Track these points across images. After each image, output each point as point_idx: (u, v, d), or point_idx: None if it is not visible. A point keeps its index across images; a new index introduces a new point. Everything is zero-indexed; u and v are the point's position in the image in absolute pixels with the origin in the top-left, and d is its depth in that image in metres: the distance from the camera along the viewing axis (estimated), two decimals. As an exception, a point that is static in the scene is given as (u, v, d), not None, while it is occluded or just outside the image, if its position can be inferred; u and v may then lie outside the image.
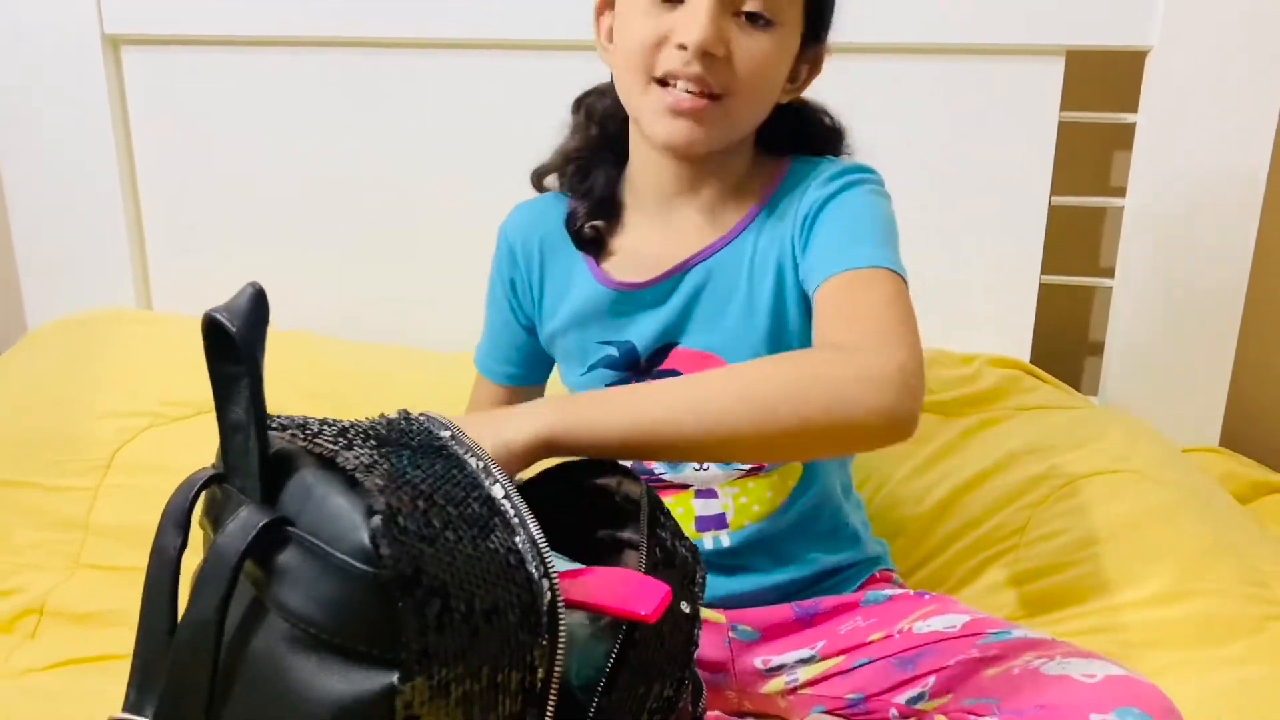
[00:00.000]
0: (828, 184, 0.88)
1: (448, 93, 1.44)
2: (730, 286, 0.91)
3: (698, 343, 0.92)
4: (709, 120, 0.83)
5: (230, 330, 0.53)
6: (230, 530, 0.53)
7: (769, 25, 0.82)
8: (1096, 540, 1.10)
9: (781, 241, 0.89)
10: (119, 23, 1.44)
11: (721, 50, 0.81)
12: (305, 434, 0.56)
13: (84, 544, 1.18)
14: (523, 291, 1.00)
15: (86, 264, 1.54)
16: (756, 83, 0.83)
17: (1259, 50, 1.30)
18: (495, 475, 0.56)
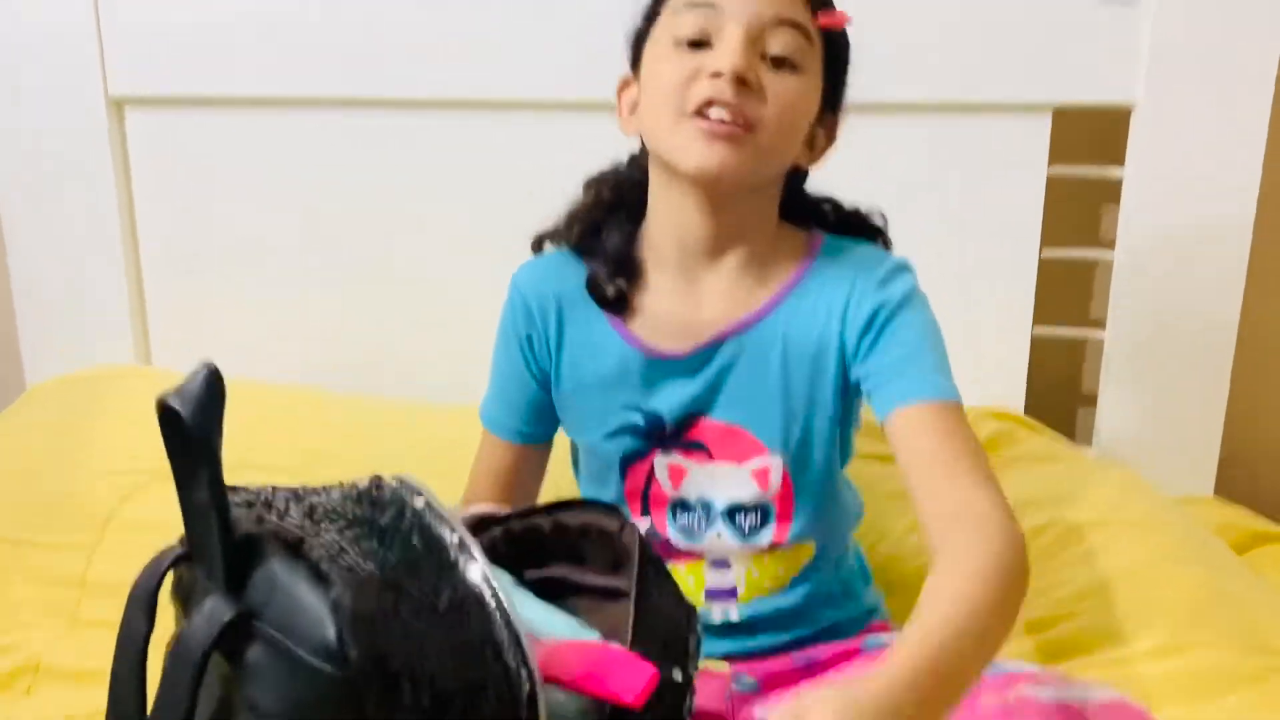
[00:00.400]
0: (884, 288, 0.89)
1: (445, 151, 1.47)
2: (764, 363, 0.91)
3: (726, 416, 0.92)
4: (742, 148, 0.83)
5: (183, 416, 0.52)
6: (195, 624, 0.52)
7: (795, 70, 0.84)
8: (1093, 592, 1.10)
9: (823, 329, 0.90)
10: (123, 85, 1.47)
11: (755, 80, 0.82)
12: (272, 513, 0.55)
13: (81, 601, 1.17)
14: (539, 347, 0.98)
15: (86, 322, 1.55)
16: (786, 120, 0.85)
17: (1241, 105, 1.33)
18: (471, 551, 0.54)
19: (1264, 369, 1.52)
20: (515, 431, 1.01)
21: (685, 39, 0.84)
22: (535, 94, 1.42)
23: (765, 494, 0.93)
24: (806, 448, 0.92)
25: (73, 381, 1.45)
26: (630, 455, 0.95)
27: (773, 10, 0.83)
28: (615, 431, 0.95)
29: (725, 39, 0.82)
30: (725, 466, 0.93)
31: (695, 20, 0.84)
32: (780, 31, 0.83)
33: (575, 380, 0.96)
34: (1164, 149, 1.35)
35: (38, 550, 1.21)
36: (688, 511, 0.95)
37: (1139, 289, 1.40)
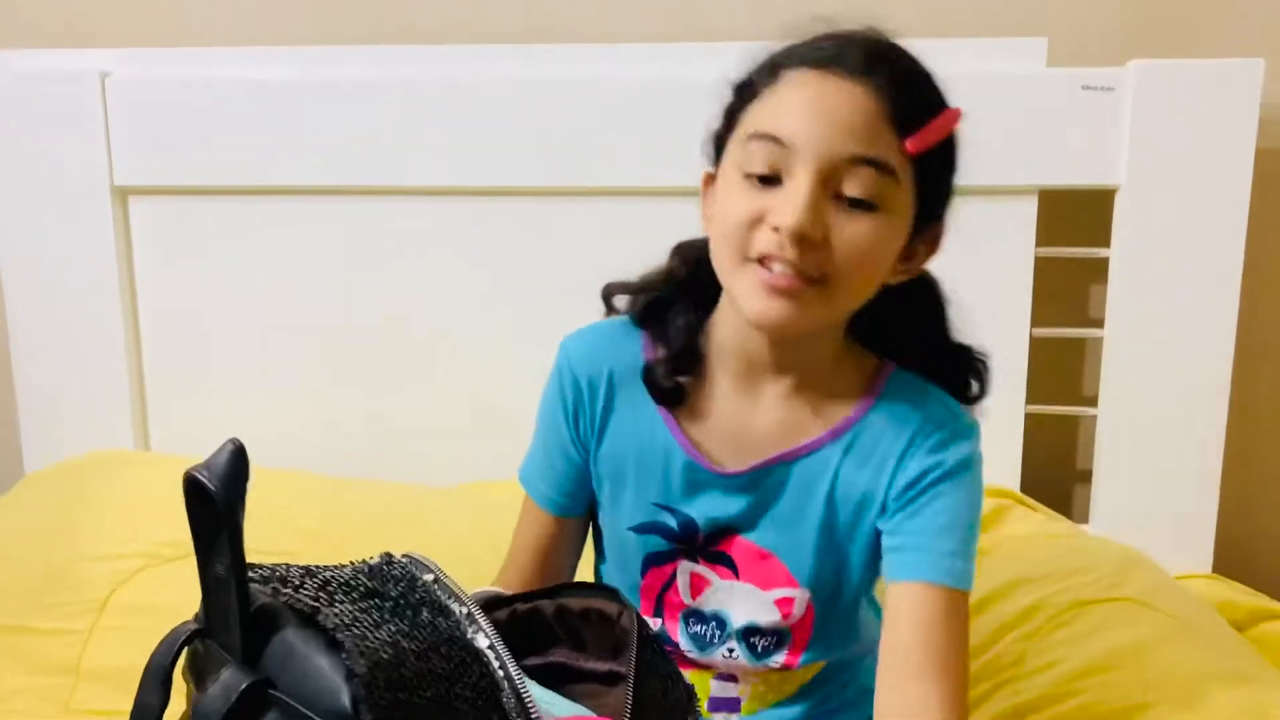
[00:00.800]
0: (940, 452, 0.84)
1: (443, 239, 1.49)
2: (809, 498, 0.87)
3: (762, 540, 0.88)
4: (805, 302, 0.77)
5: (210, 489, 0.53)
6: (212, 693, 0.52)
7: (874, 209, 0.76)
8: (1094, 670, 1.09)
9: (873, 478, 0.85)
10: (129, 175, 1.50)
11: (819, 235, 0.75)
12: (287, 587, 0.55)
13: (75, 689, 1.16)
14: (584, 423, 0.92)
15: (86, 408, 1.56)
16: (857, 269, 0.77)
17: (1222, 183, 1.36)
18: (480, 623, 0.55)
19: (1258, 443, 1.53)
20: (552, 502, 0.95)
21: (753, 174, 0.77)
22: (531, 181, 1.46)
23: (785, 622, 0.89)
24: (837, 586, 0.89)
25: (71, 467, 1.46)
26: (655, 555, 0.91)
27: (849, 148, 0.74)
28: (644, 526, 0.91)
29: (792, 184, 0.75)
30: (749, 588, 0.89)
31: (764, 155, 0.76)
32: (858, 172, 0.75)
33: (614, 462, 0.91)
34: (1148, 228, 1.38)
35: (32, 637, 1.21)
36: (702, 623, 0.91)
37: (1129, 366, 1.41)
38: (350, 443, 1.53)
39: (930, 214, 0.82)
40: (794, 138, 0.75)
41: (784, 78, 0.78)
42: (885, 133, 0.75)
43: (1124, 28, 1.45)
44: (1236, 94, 1.34)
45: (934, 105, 0.78)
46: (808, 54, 0.78)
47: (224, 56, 1.50)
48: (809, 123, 0.75)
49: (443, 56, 1.48)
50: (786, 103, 0.77)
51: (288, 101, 1.47)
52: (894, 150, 0.75)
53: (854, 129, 0.74)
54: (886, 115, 0.75)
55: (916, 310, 0.89)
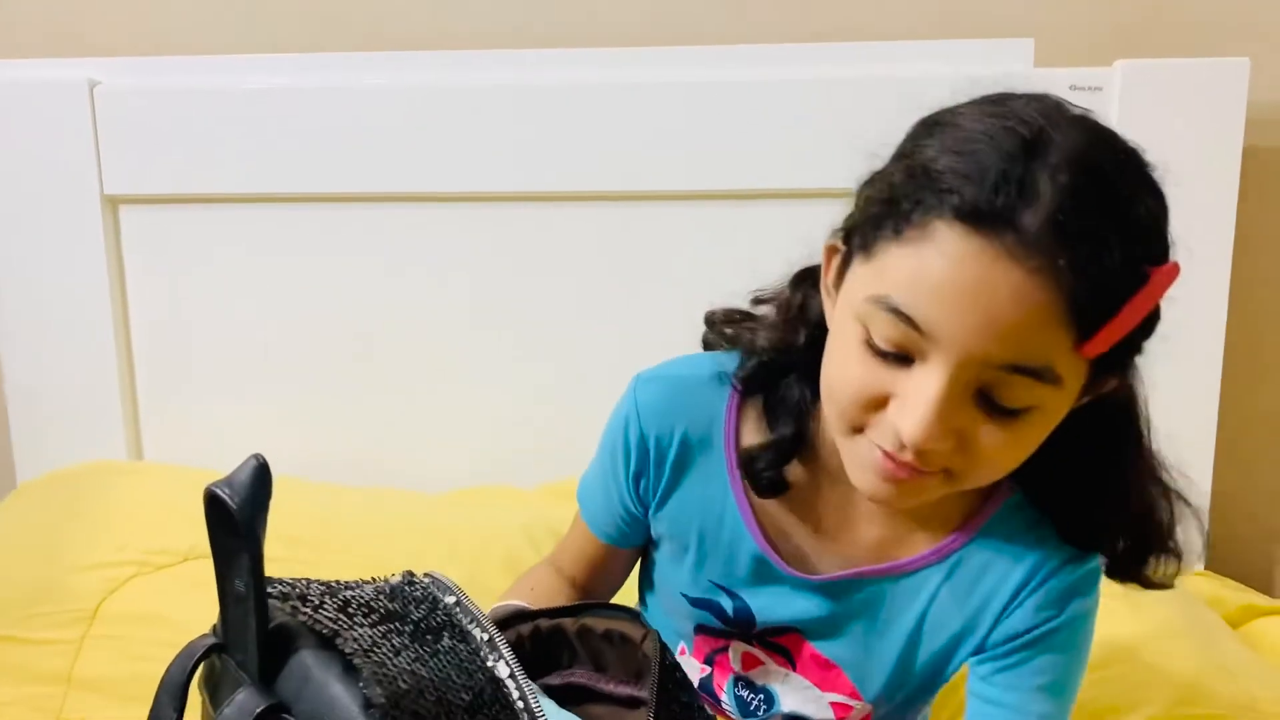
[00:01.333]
0: (1058, 604, 0.72)
1: (434, 244, 1.49)
2: (895, 621, 0.76)
3: (827, 650, 0.79)
4: (923, 489, 0.65)
5: (230, 506, 0.52)
6: (227, 715, 0.52)
7: (1026, 412, 0.61)
8: (1089, 667, 1.08)
9: (973, 617, 0.74)
10: (118, 184, 1.50)
11: (950, 446, 0.61)
12: (307, 606, 0.55)
13: (66, 699, 1.16)
14: (646, 486, 0.80)
15: (78, 418, 1.55)
16: (993, 471, 0.65)
17: (1209, 184, 1.36)
18: (500, 650, 0.55)
19: (1249, 441, 1.53)
20: (606, 535, 0.86)
21: (876, 346, 0.62)
22: (522, 187, 1.46)
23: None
24: (903, 707, 0.82)
25: (63, 477, 1.45)
26: (705, 628, 0.83)
27: (1003, 353, 0.58)
28: (698, 601, 0.81)
29: (924, 377, 0.60)
30: (805, 683, 0.81)
31: (892, 333, 0.60)
32: (1011, 380, 0.59)
33: (675, 528, 0.80)
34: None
35: (23, 647, 1.20)
36: (751, 690, 0.84)
37: (1120, 365, 1.42)
38: (341, 450, 1.53)
39: (1107, 375, 0.65)
40: (933, 327, 0.58)
41: (933, 230, 0.58)
42: (1054, 333, 0.57)
43: (1111, 28, 1.46)
44: (1223, 93, 1.34)
45: (1133, 280, 0.57)
46: (968, 199, 0.57)
47: (213, 65, 1.50)
48: (956, 314, 0.57)
49: (433, 63, 1.47)
50: (930, 274, 0.58)
51: (278, 109, 1.47)
52: (1061, 352, 0.58)
53: (1015, 333, 0.57)
54: (1061, 312, 0.56)
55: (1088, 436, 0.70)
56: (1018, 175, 0.57)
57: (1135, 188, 0.60)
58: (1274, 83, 1.41)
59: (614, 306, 1.48)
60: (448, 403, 1.52)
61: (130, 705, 1.14)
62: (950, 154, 0.60)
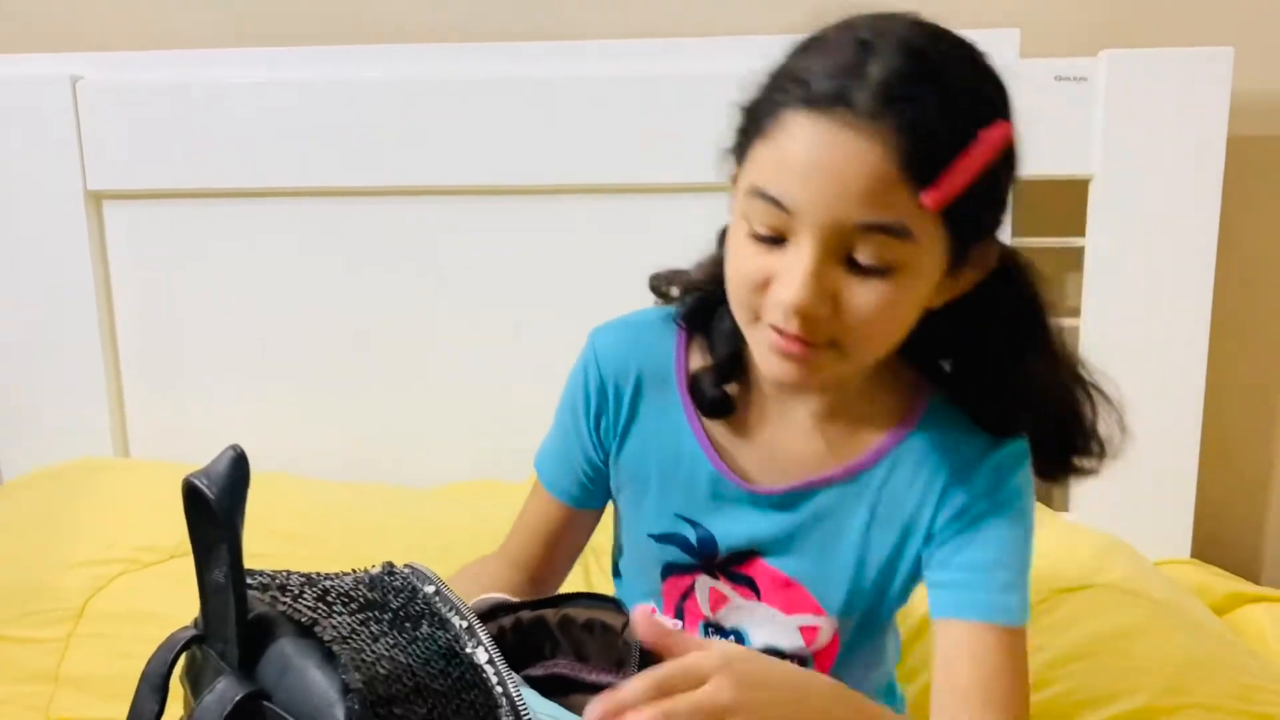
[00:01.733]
0: (993, 478, 0.77)
1: (421, 238, 1.49)
2: (846, 524, 0.81)
3: (786, 566, 0.83)
4: (819, 364, 0.71)
5: (209, 496, 0.52)
6: (207, 703, 0.52)
7: (888, 271, 0.67)
8: (1076, 657, 1.10)
9: (917, 506, 0.79)
10: (102, 180, 1.49)
11: (825, 308, 0.68)
12: (286, 596, 0.55)
13: (54, 696, 1.15)
14: (607, 427, 0.86)
15: (64, 415, 1.55)
16: (872, 333, 0.70)
17: (1195, 170, 1.37)
18: (479, 637, 0.55)
19: (1234, 430, 1.54)
20: (568, 494, 0.90)
21: (757, 234, 0.70)
22: (517, 180, 1.46)
23: (809, 648, 0.85)
24: (868, 616, 0.84)
25: (49, 474, 1.45)
26: (672, 566, 0.87)
27: (855, 214, 0.65)
28: (663, 536, 0.86)
29: (795, 251, 0.68)
30: (771, 611, 0.85)
31: (765, 216, 0.68)
32: (868, 239, 0.66)
33: (637, 467, 0.86)
34: (1122, 217, 1.39)
35: (10, 645, 1.20)
36: (721, 635, 0.87)
37: (1106, 354, 1.41)
38: (330, 445, 1.53)
39: (971, 242, 0.71)
40: (794, 203, 0.66)
41: (784, 121, 0.67)
42: (896, 188, 0.64)
43: (1096, 18, 1.47)
44: (1207, 82, 1.35)
45: (964, 136, 0.65)
46: (812, 88, 0.66)
47: (196, 59, 1.49)
48: (809, 187, 0.66)
49: (421, 56, 1.47)
50: (785, 158, 0.67)
51: (262, 104, 1.46)
52: (908, 207, 0.65)
53: (858, 192, 0.64)
54: (897, 167, 0.64)
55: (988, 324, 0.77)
56: (851, 63, 0.65)
57: (958, 64, 0.68)
58: (1258, 72, 1.42)
59: (610, 301, 1.46)
60: (439, 398, 1.52)
61: (118, 703, 1.12)
62: (797, 58, 0.70)
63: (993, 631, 0.75)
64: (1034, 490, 0.80)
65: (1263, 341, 1.53)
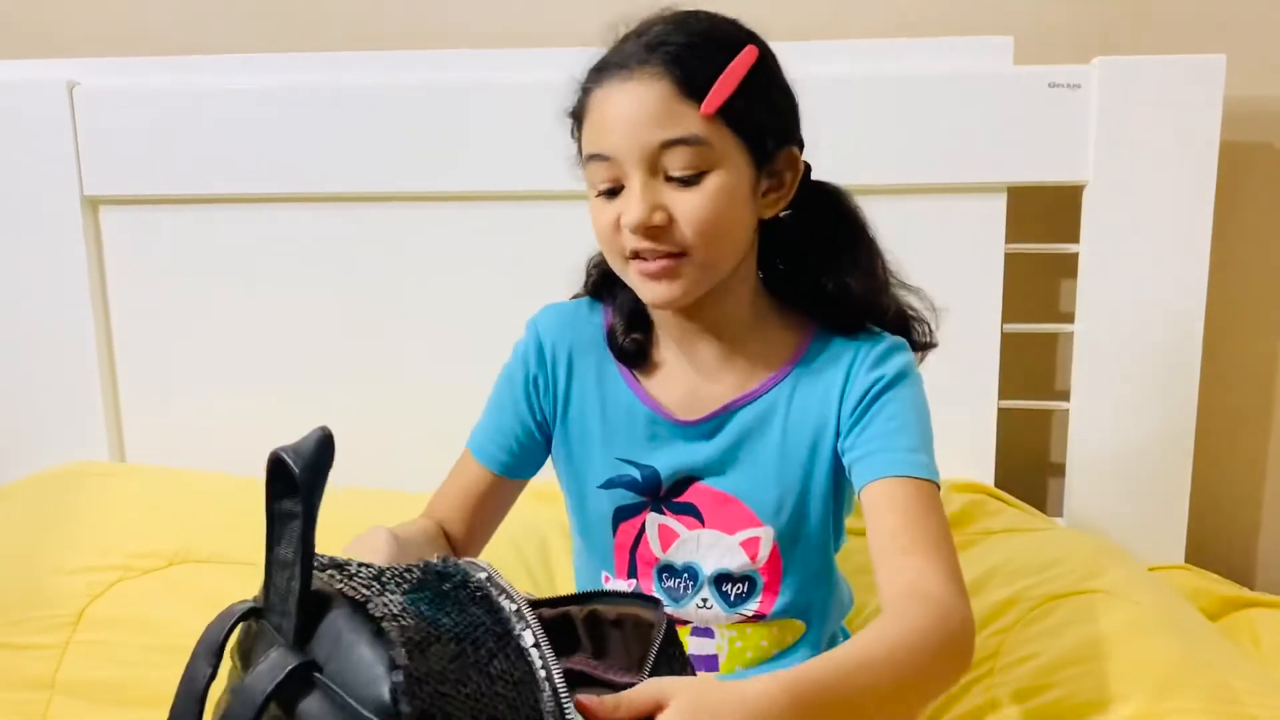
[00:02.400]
0: (880, 365, 0.91)
1: (415, 242, 1.49)
2: (763, 438, 0.93)
3: (721, 484, 0.94)
4: (682, 274, 0.85)
5: (293, 469, 0.54)
6: (260, 671, 0.54)
7: (700, 177, 0.83)
8: (1070, 662, 1.10)
9: (822, 406, 0.92)
10: (98, 185, 1.49)
11: (662, 217, 0.83)
12: (342, 575, 0.57)
13: (50, 704, 1.16)
14: (544, 391, 0.99)
15: (60, 420, 1.55)
16: (710, 231, 0.84)
17: (1188, 176, 1.38)
18: (528, 620, 0.57)
19: (1228, 435, 1.54)
20: (499, 462, 1.00)
21: (600, 190, 0.86)
22: (507, 186, 1.46)
23: (753, 565, 0.94)
24: (798, 523, 0.93)
25: (45, 479, 1.45)
26: (623, 510, 0.97)
27: (655, 136, 0.82)
28: (609, 482, 0.96)
29: (628, 188, 0.84)
30: (715, 534, 0.94)
31: (600, 173, 0.86)
32: (672, 153, 0.82)
33: (580, 428, 0.98)
34: (1116, 223, 1.39)
35: (7, 652, 1.20)
36: (674, 576, 0.96)
37: (1100, 360, 1.43)
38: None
39: (770, 144, 0.87)
40: (613, 150, 0.83)
41: (592, 99, 0.86)
42: (679, 108, 0.82)
43: (1089, 25, 1.47)
44: (1200, 89, 1.35)
45: (721, 58, 0.83)
46: (601, 68, 0.86)
47: (192, 65, 1.50)
48: (616, 133, 0.83)
49: (417, 63, 1.47)
50: (598, 122, 0.85)
51: (257, 109, 1.46)
52: (694, 120, 0.82)
53: (651, 119, 0.82)
54: (674, 92, 0.82)
55: (836, 261, 0.94)
56: (629, 40, 0.85)
57: (711, 18, 0.87)
58: (1250, 79, 1.42)
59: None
60: (436, 403, 1.51)
61: (115, 710, 1.14)
62: (599, 60, 0.87)
63: (907, 483, 0.85)
64: (921, 375, 0.94)
65: (1256, 347, 1.54)
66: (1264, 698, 1.05)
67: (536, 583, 1.29)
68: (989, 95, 1.39)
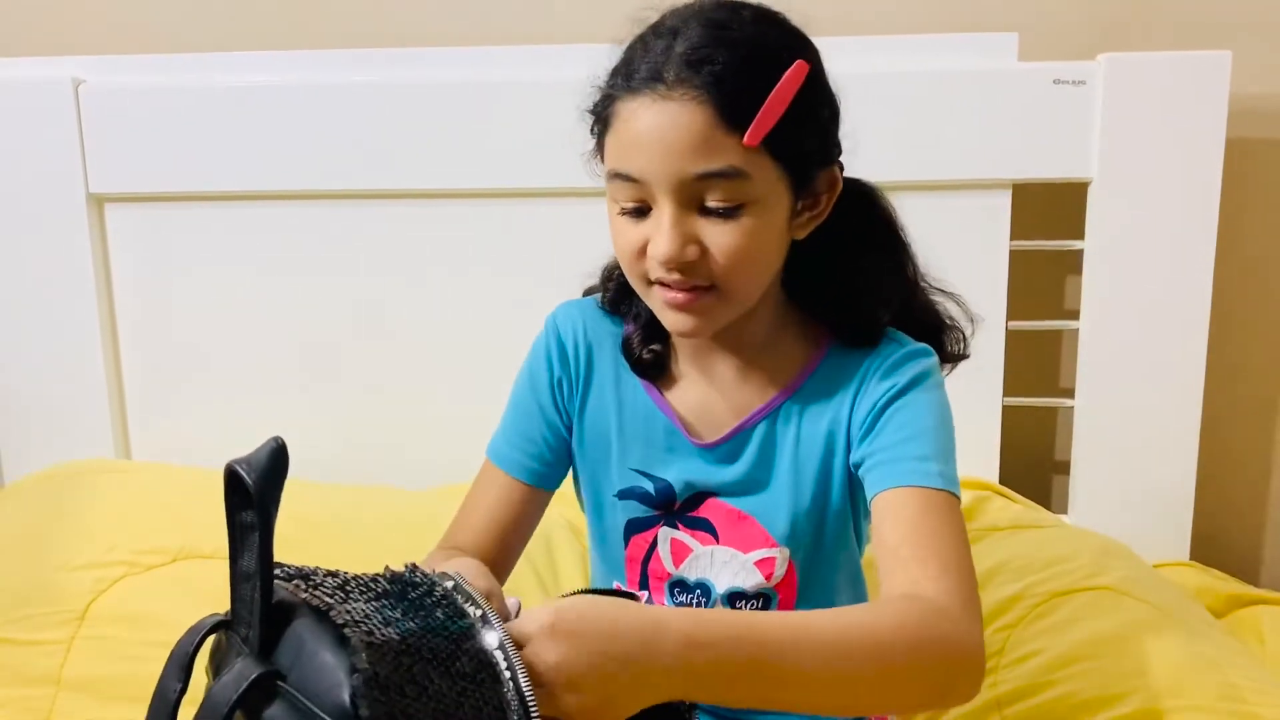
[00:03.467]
0: (895, 372, 0.85)
1: (422, 240, 1.49)
2: (776, 457, 0.89)
3: (737, 502, 0.90)
4: (707, 309, 0.81)
5: (247, 481, 0.54)
6: (224, 681, 0.54)
7: (737, 210, 0.77)
8: (1074, 659, 1.10)
9: (834, 415, 0.87)
10: (104, 183, 1.50)
11: (694, 252, 0.78)
12: (308, 585, 0.57)
13: (55, 700, 1.16)
14: (568, 391, 0.94)
15: (65, 417, 1.55)
16: (743, 267, 0.79)
17: (1193, 174, 1.37)
18: (492, 623, 0.56)
19: (1233, 432, 1.54)
20: (530, 470, 0.94)
21: (625, 209, 0.81)
22: (508, 183, 1.46)
23: (768, 583, 0.90)
24: (815, 542, 0.90)
25: (51, 476, 1.45)
26: (635, 522, 0.93)
27: (692, 169, 0.76)
28: (624, 492, 0.93)
29: (657, 212, 0.78)
30: (729, 551, 0.91)
31: (626, 192, 0.80)
32: (710, 185, 0.76)
33: (596, 433, 0.94)
34: (1121, 220, 1.39)
35: (12, 648, 1.20)
36: (686, 592, 0.92)
37: (1105, 357, 1.43)
38: (330, 448, 1.53)
39: (812, 170, 0.82)
40: (642, 174, 0.77)
41: (618, 110, 0.79)
42: (721, 139, 0.75)
43: (1094, 22, 1.47)
44: (1205, 86, 1.35)
45: (767, 82, 0.75)
46: (631, 77, 0.78)
47: (198, 62, 1.50)
48: (649, 156, 0.77)
49: (421, 60, 1.47)
50: (626, 139, 0.78)
51: (263, 107, 1.47)
52: (735, 151, 0.76)
53: (688, 148, 0.75)
54: (716, 121, 0.75)
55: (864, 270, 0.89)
56: (661, 47, 0.77)
57: (753, 24, 0.79)
58: (1255, 75, 1.42)
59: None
60: (442, 400, 1.52)
61: (120, 706, 1.15)
62: (623, 56, 0.81)
63: (916, 493, 0.78)
64: (942, 380, 0.88)
65: (1261, 344, 1.54)
66: (1268, 695, 1.04)
67: (542, 582, 1.29)
68: (994, 92, 1.38)
